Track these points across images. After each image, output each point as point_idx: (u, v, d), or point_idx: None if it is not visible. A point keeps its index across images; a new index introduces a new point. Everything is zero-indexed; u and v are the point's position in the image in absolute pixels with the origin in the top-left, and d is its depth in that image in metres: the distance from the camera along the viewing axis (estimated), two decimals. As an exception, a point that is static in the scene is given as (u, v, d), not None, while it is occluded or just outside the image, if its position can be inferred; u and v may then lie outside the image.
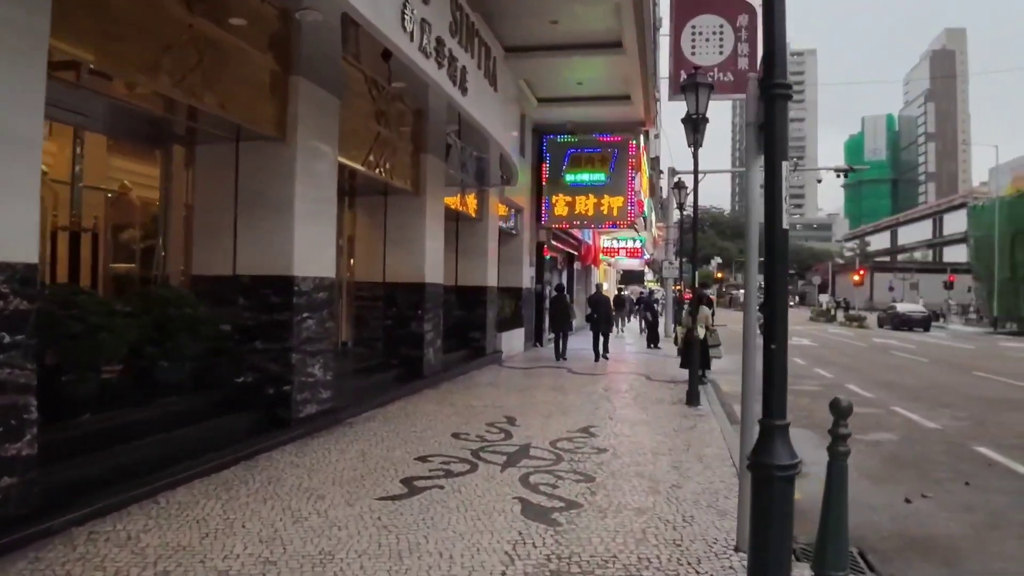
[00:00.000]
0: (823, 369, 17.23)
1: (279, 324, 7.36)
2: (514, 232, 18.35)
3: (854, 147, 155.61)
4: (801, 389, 13.68)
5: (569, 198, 19.64)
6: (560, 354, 16.73)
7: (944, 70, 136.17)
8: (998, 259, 36.99)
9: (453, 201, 13.66)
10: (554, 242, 21.85)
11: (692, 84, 10.10)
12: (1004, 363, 19.76)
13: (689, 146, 11.86)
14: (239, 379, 7.44)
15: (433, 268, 11.47)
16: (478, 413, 9.20)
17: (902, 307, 39.94)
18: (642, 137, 22.46)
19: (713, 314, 13.66)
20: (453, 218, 14.47)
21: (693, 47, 19.07)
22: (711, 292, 38.24)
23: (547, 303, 21.23)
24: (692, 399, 10.54)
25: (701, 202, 26.34)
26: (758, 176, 4.76)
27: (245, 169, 7.52)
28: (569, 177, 19.66)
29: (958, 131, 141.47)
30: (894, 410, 11.18)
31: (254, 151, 7.48)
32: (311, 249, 7.64)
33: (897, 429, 9.70)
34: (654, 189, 39.92)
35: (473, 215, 14.89)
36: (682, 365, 12.42)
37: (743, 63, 19.25)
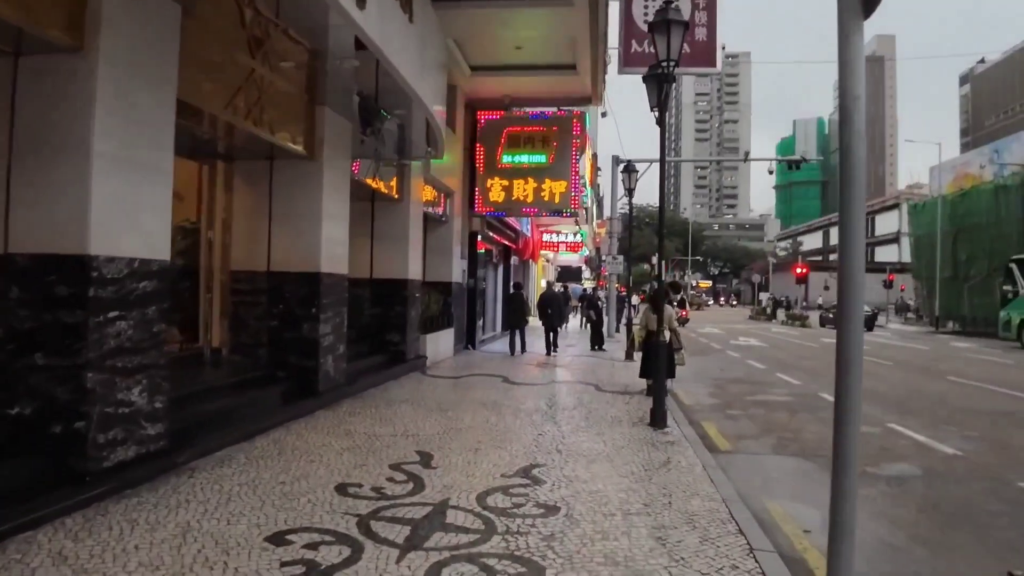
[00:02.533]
0: (785, 374, 15.46)
1: (68, 328, 4.87)
2: (443, 219, 15.98)
3: (785, 149, 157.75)
4: (773, 400, 11.80)
5: (506, 182, 17.34)
6: (520, 349, 17.03)
7: (874, 75, 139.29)
8: (940, 258, 36.40)
9: (368, 177, 11.23)
10: (489, 232, 19.54)
11: (663, 22, 7.94)
12: (971, 366, 18.39)
13: (652, 109, 9.79)
14: (12, 410, 4.94)
15: (333, 255, 9.00)
16: (382, 447, 6.83)
17: (845, 306, 39.01)
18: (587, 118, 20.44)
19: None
20: (367, 197, 12.03)
21: (646, 14, 17.09)
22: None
23: (483, 300, 19.50)
24: (657, 420, 8.44)
25: (638, 200, 24.56)
26: (861, 63, 2.59)
27: (24, 95, 5.01)
28: (506, 158, 17.36)
29: (886, 135, 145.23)
30: (892, 428, 9.33)
31: (37, 69, 4.99)
32: (124, 216, 5.16)
33: (912, 458, 7.78)
34: (593, 181, 38.08)
35: (394, 196, 12.46)
36: (642, 374, 10.31)
37: (701, 34, 17.37)
